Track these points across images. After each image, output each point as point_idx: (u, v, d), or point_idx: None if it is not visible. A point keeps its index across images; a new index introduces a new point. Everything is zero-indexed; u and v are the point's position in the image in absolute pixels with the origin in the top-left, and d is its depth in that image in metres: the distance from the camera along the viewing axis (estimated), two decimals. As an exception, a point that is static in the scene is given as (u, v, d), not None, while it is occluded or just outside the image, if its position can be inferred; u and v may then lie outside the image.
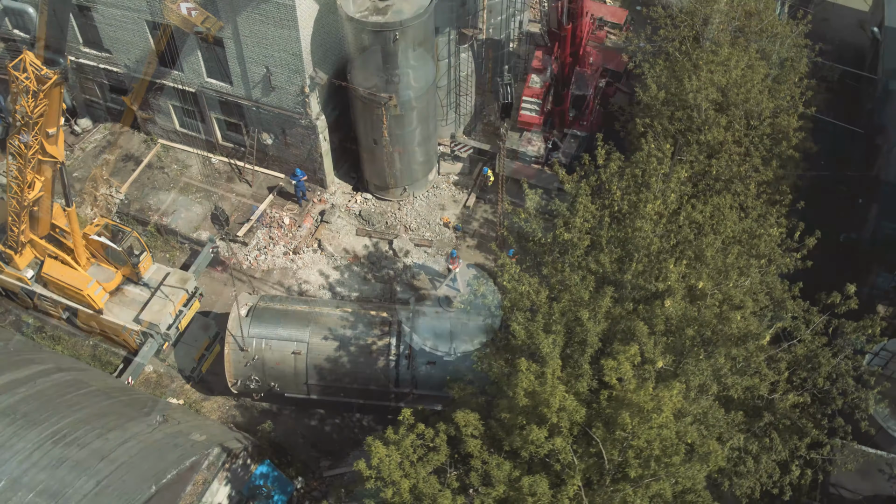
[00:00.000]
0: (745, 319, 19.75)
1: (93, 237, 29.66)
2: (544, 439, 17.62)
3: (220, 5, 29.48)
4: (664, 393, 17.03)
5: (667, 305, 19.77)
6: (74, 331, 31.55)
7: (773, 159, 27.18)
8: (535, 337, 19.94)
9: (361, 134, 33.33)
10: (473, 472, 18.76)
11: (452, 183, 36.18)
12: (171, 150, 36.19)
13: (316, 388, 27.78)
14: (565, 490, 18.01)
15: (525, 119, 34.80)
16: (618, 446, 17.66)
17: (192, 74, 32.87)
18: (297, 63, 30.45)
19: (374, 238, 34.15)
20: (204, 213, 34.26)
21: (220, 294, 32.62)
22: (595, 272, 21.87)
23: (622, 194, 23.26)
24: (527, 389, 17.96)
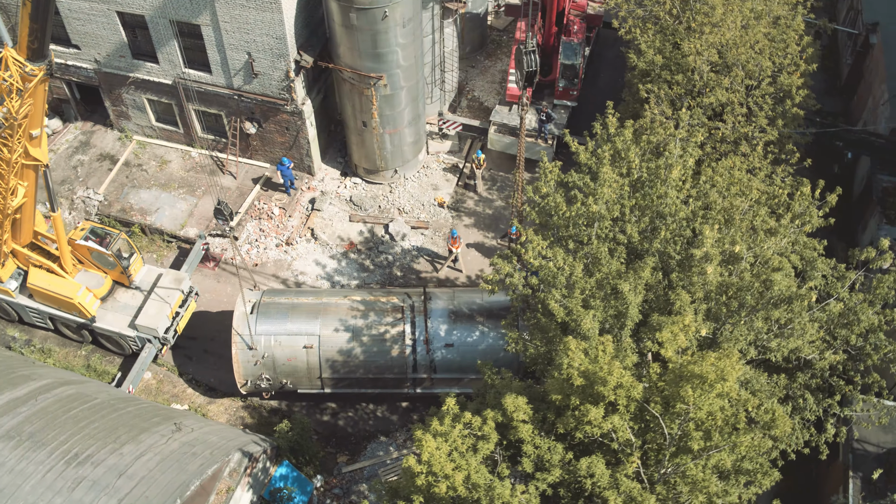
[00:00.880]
0: (787, 279, 19.40)
1: (79, 242, 28.24)
2: (601, 419, 17.07)
3: (197, -10, 28.18)
4: (726, 361, 16.58)
5: (709, 272, 19.32)
6: (65, 342, 30.14)
7: (777, 118, 26.90)
8: (573, 314, 19.36)
9: (349, 117, 32.25)
10: (525, 459, 18.15)
11: (442, 161, 35.36)
12: (148, 146, 34.68)
13: (330, 381, 26.91)
14: (623, 468, 17.53)
15: (513, 92, 34.08)
16: (677, 420, 17.20)
17: (168, 66, 31.39)
18: (282, 47, 29.24)
19: (369, 223, 33.22)
20: (189, 209, 32.94)
21: (214, 292, 31.43)
22: (621, 243, 21.34)
23: (640, 161, 22.70)
24: (579, 369, 17.36)
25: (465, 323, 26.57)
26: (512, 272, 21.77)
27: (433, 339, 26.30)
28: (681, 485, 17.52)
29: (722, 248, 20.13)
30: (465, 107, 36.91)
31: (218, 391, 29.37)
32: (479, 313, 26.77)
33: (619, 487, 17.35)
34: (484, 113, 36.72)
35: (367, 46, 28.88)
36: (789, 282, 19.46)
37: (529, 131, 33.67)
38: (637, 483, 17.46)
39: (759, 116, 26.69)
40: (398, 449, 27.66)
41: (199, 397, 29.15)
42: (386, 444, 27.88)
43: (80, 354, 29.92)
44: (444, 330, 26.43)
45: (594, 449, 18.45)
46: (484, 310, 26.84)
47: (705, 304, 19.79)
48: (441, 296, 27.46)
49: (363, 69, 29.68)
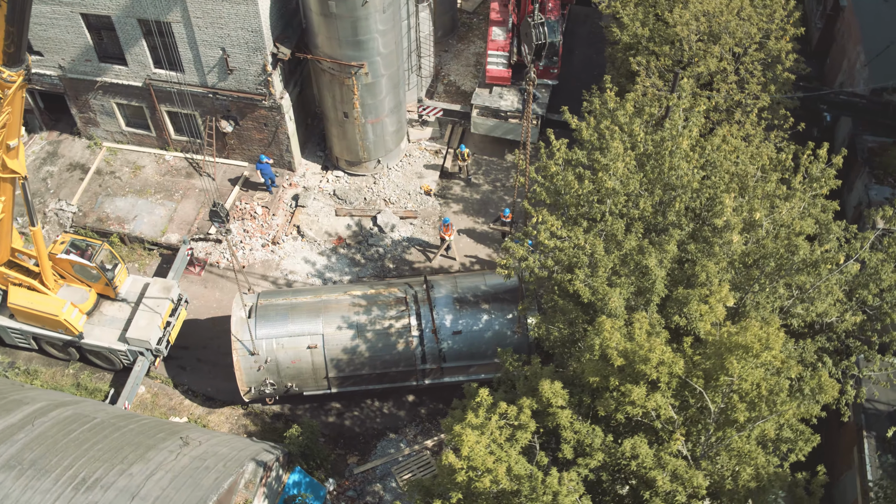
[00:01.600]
0: (811, 243, 19.21)
1: (60, 256, 26.98)
2: (644, 398, 16.65)
3: (166, -14, 27.01)
4: (769, 330, 16.29)
5: (735, 241, 19.01)
6: (51, 361, 28.86)
7: (769, 84, 26.75)
8: (599, 293, 18.91)
9: (329, 108, 31.34)
10: (565, 445, 17.68)
11: (425, 149, 34.65)
12: (119, 152, 33.33)
13: (336, 381, 26.16)
14: (667, 447, 17.16)
15: (494, 74, 33.45)
16: (720, 393, 16.88)
17: (137, 67, 30.11)
18: (258, 40, 28.21)
19: (356, 216, 32.41)
20: (168, 214, 31.74)
21: (202, 298, 30.38)
22: (635, 218, 20.95)
23: (644, 135, 22.31)
24: (618, 349, 16.93)
25: (471, 309, 26.02)
26: (526, 255, 21.24)
27: (440, 328, 25.70)
28: (726, 458, 17.22)
29: (741, 216, 19.84)
30: (442, 92, 36.19)
31: (216, 400, 28.41)
32: (483, 298, 26.23)
33: (664, 467, 16.99)
34: (462, 97, 36.06)
35: (347, 34, 28.00)
36: (815, 247, 19.27)
37: (513, 112, 33.13)
38: (682, 460, 17.12)
39: (752, 83, 26.52)
40: (409, 445, 27.06)
41: (197, 408, 28.15)
42: (396, 441, 27.25)
43: (68, 373, 28.68)
44: (450, 318, 25.84)
45: (634, 430, 18.07)
46: (488, 294, 26.32)
47: (729, 274, 19.52)
48: (443, 283, 26.85)
49: (343, 58, 28.80)
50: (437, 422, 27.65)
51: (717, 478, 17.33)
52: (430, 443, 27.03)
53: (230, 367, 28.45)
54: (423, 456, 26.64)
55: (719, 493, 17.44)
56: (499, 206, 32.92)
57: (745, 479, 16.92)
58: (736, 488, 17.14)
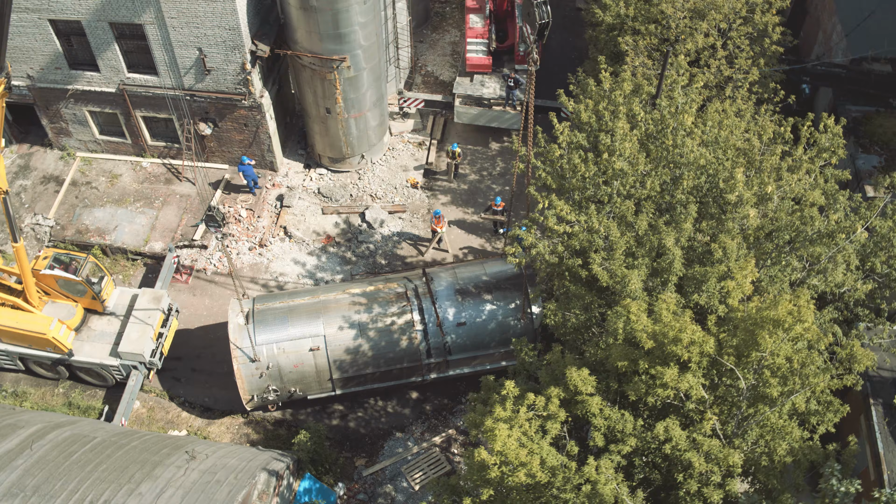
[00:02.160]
0: (825, 214, 19.12)
1: (44, 272, 26.00)
2: (676, 379, 16.37)
3: (138, -14, 26.09)
4: (800, 302, 16.12)
5: (752, 215, 18.82)
6: (39, 381, 27.84)
7: (759, 58, 26.68)
8: (617, 276, 18.61)
9: (310, 105, 30.61)
10: (596, 433, 17.35)
11: (408, 142, 34.08)
12: (94, 161, 32.25)
13: (340, 382, 25.56)
14: (700, 427, 16.93)
15: (474, 62, 33.00)
16: (751, 369, 16.68)
17: (110, 72, 29.09)
18: (236, 38, 27.40)
19: (343, 214, 31.76)
20: (149, 222, 30.78)
21: (191, 306, 29.53)
22: (643, 198, 20.69)
23: (645, 114, 22.05)
24: (647, 331, 16.63)
25: (474, 300, 25.59)
26: (535, 243, 20.87)
27: (444, 321, 25.24)
28: (760, 434, 17.03)
29: (753, 190, 19.66)
30: (421, 83, 35.66)
31: (215, 410, 27.65)
32: (485, 288, 25.82)
33: (699, 448, 16.75)
34: (441, 87, 35.57)
35: (328, 27, 27.31)
36: (830, 218, 19.17)
37: (496, 99, 32.72)
38: (716, 440, 16.90)
39: (741, 58, 26.42)
40: (417, 443, 26.58)
41: (196, 420, 27.36)
42: (403, 441, 26.75)
43: (58, 392, 27.69)
44: (453, 310, 25.39)
45: (662, 413, 17.81)
46: (490, 284, 25.90)
47: (743, 250, 19.33)
48: (442, 275, 26.38)
49: (325, 52, 28.10)
50: (443, 417, 27.22)
51: (751, 455, 17.16)
52: (438, 439, 26.58)
53: (226, 375, 27.84)
54: (432, 453, 26.19)
55: (754, 471, 17.27)
56: (487, 196, 32.51)
57: (780, 454, 16.76)
58: (772, 465, 16.98)
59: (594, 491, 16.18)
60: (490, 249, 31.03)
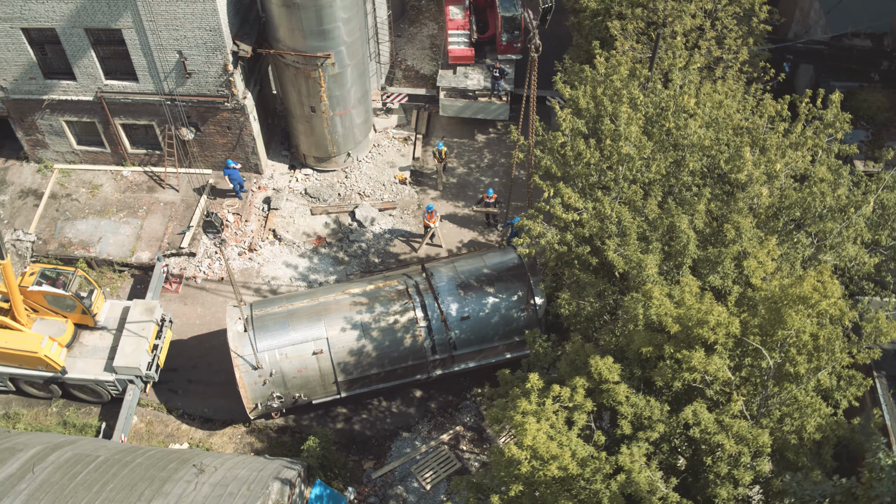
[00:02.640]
0: (834, 188, 19.09)
1: (32, 289, 25.19)
2: (704, 361, 16.18)
3: (115, -10, 25.33)
4: (824, 277, 16.03)
5: (764, 193, 18.72)
6: (31, 401, 27.00)
7: (748, 37, 26.65)
8: (632, 262, 18.40)
9: (294, 104, 30.03)
10: (623, 420, 17.12)
11: (393, 137, 33.63)
12: (72, 173, 31.34)
13: (345, 384, 25.11)
14: (727, 409, 16.79)
15: (456, 54, 32.65)
16: (776, 348, 16.56)
17: (87, 80, 28.25)
18: (217, 39, 26.74)
19: (333, 213, 31.23)
20: (134, 232, 29.99)
21: (183, 316, 28.83)
22: (650, 182, 20.53)
23: (644, 98, 21.87)
24: (672, 315, 16.44)
25: (476, 293, 25.27)
26: (543, 232, 20.60)
27: (448, 316, 24.88)
28: (788, 413, 16.93)
29: (761, 169, 19.57)
30: (402, 78, 35.19)
31: (216, 421, 27.02)
32: (486, 281, 25.51)
33: (728, 430, 16.61)
34: (422, 81, 35.14)
35: (312, 24, 26.76)
36: (843, 191, 19.15)
37: (481, 91, 32.39)
38: (744, 421, 16.77)
39: (730, 38, 26.37)
40: (425, 442, 26.21)
41: (196, 432, 26.72)
42: (410, 440, 26.36)
43: (52, 412, 26.87)
44: (456, 305, 25.04)
45: (687, 397, 17.65)
46: (491, 276, 25.59)
47: (755, 229, 19.23)
48: (442, 269, 26.00)
49: (309, 49, 27.55)
50: (449, 414, 26.88)
51: (779, 434, 17.06)
52: (446, 437, 26.24)
53: (225, 384, 27.27)
54: (441, 451, 25.85)
55: (783, 449, 17.17)
56: (477, 189, 32.20)
57: (810, 431, 16.68)
58: (801, 442, 16.90)
59: (629, 480, 15.97)
60: (484, 242, 30.73)
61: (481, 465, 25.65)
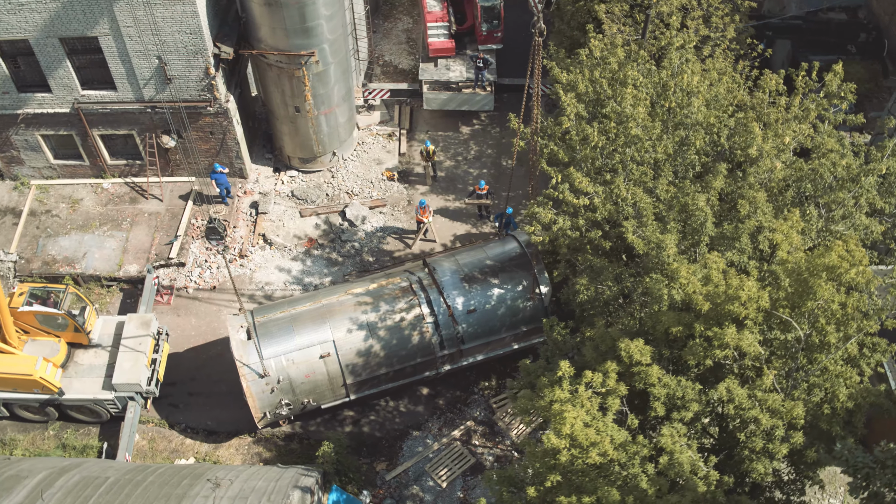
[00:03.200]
0: (845, 159, 19.16)
1: (22, 309, 24.36)
2: (737, 337, 16.08)
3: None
4: (850, 246, 16.03)
5: (778, 167, 18.70)
6: (26, 425, 26.11)
7: (734, 14, 26.71)
8: (651, 242, 18.26)
9: (278, 105, 29.42)
10: (657, 402, 16.96)
11: (377, 134, 33.17)
12: (51, 188, 30.37)
13: (354, 386, 24.66)
14: (759, 384, 16.74)
15: (437, 46, 32.28)
16: (805, 319, 16.54)
17: (63, 92, 27.35)
18: (198, 42, 26.06)
19: (323, 214, 30.70)
20: (120, 245, 29.15)
21: (177, 328, 28.09)
22: (657, 161, 20.43)
23: (643, 79, 21.75)
24: (701, 294, 16.33)
25: (481, 285, 24.98)
26: (555, 218, 20.38)
27: (455, 310, 24.56)
28: (817, 383, 16.93)
29: (770, 143, 19.57)
30: (380, 73, 34.76)
31: (220, 433, 26.37)
32: (490, 272, 25.23)
33: (762, 405, 16.55)
34: (401, 76, 34.76)
35: (295, 22, 26.20)
36: (848, 161, 19.22)
37: (464, 82, 32.09)
38: (776, 394, 16.73)
39: (716, 16, 26.40)
40: (436, 439, 25.88)
41: (201, 446, 26.05)
42: (422, 439, 26.01)
43: (49, 435, 26.01)
44: (461, 299, 24.73)
45: (715, 374, 17.56)
46: (495, 267, 25.33)
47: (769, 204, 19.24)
48: (444, 263, 25.66)
49: (292, 48, 26.98)
50: (458, 410, 26.57)
51: (811, 405, 17.05)
52: (457, 433, 25.93)
53: (226, 395, 26.69)
54: (454, 447, 25.54)
55: (816, 420, 17.17)
56: (466, 181, 31.90)
57: (842, 399, 16.70)
58: (834, 412, 16.92)
59: (671, 461, 15.83)
60: (477, 234, 30.44)
61: (495, 458, 25.42)
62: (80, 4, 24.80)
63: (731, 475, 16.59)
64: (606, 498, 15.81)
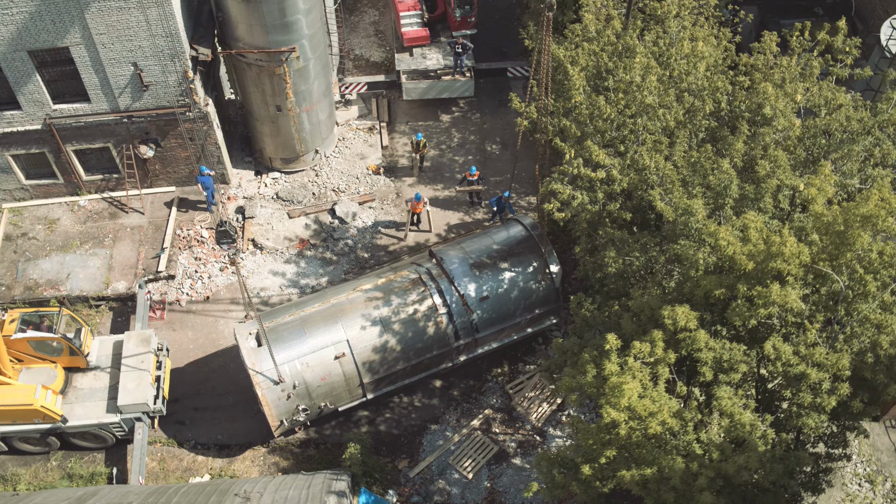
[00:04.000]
0: (858, 112, 19.29)
1: (16, 336, 23.21)
2: (782, 294, 15.99)
3: (61, 5, 23.40)
4: (883, 193, 16.08)
5: (797, 125, 18.71)
6: (25, 459, 24.92)
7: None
8: (680, 208, 18.11)
9: (258, 106, 28.60)
10: (705, 367, 16.81)
11: (357, 129, 32.52)
12: (24, 210, 29.03)
13: (372, 385, 24.09)
14: (803, 339, 16.73)
15: (411, 35, 31.78)
16: (844, 270, 16.55)
17: (33, 108, 26.12)
18: (174, 45, 25.14)
19: (312, 214, 29.96)
20: (105, 262, 28.02)
21: (174, 342, 27.09)
22: (669, 128, 20.33)
23: (644, 48, 21.63)
24: (744, 252, 16.22)
25: (491, 271, 24.62)
26: (574, 194, 20.13)
27: (468, 298, 24.14)
28: (858, 333, 16.98)
29: (783, 102, 19.59)
30: (353, 67, 34.11)
31: (232, 446, 25.54)
32: (499, 257, 24.90)
33: (808, 360, 16.53)
34: (373, 69, 34.17)
35: (275, 17, 25.45)
36: (861, 114, 19.34)
37: (443, 69, 31.65)
38: (820, 348, 16.73)
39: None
40: (456, 431, 25.46)
41: (214, 461, 25.19)
42: (441, 432, 25.56)
43: (52, 466, 24.87)
44: (473, 286, 24.33)
45: (755, 334, 17.50)
46: (503, 251, 25.00)
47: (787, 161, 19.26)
48: (450, 252, 25.22)
49: (272, 45, 26.22)
50: (474, 399, 26.18)
51: (853, 355, 17.10)
52: (476, 422, 25.55)
53: (234, 406, 25.95)
54: (475, 437, 25.15)
55: (860, 370, 17.21)
56: (452, 169, 31.50)
57: (885, 347, 16.75)
58: (877, 360, 16.98)
59: (733, 423, 15.70)
60: (471, 221, 30.07)
61: (518, 444, 25.10)
62: (48, 14, 23.68)
63: (787, 433, 16.55)
64: (671, 467, 15.61)
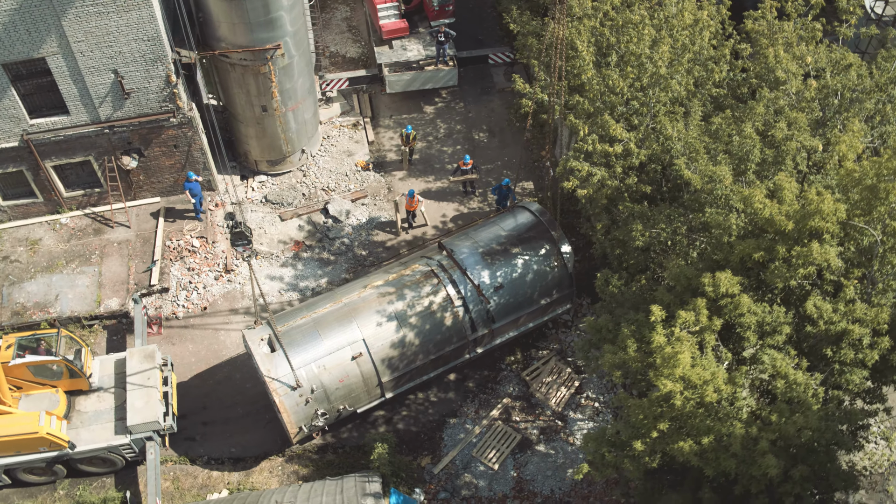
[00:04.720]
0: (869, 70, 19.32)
1: (14, 363, 22.13)
2: (822, 253, 15.88)
3: (37, 14, 22.36)
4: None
5: (813, 86, 18.64)
6: (30, 490, 23.80)
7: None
8: (706, 176, 17.91)
9: (243, 107, 27.79)
10: (748, 332, 16.62)
11: (341, 126, 31.85)
12: (3, 233, 27.75)
13: (390, 384, 23.50)
14: (843, 296, 16.66)
15: (390, 27, 31.26)
16: (878, 224, 16.51)
17: (9, 124, 24.96)
18: (157, 49, 24.25)
19: (304, 214, 29.24)
20: (94, 280, 26.93)
21: (176, 356, 26.11)
22: (680, 99, 20.17)
23: (646, 20, 21.42)
24: (785, 214, 16.07)
25: (503, 258, 24.22)
26: (592, 171, 19.82)
27: (483, 287, 23.70)
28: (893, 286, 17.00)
29: (793, 65, 19.53)
30: (329, 64, 33.42)
31: (247, 459, 24.73)
32: (510, 243, 24.52)
33: (849, 317, 16.45)
34: (350, 64, 33.54)
35: (258, 14, 24.73)
36: (873, 71, 19.38)
37: (425, 60, 31.17)
38: (860, 304, 16.67)
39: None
40: (476, 423, 25.01)
41: (230, 475, 24.34)
42: (460, 425, 25.09)
43: (60, 495, 23.78)
44: (486, 273, 23.90)
45: (790, 295, 17.38)
46: (513, 238, 24.63)
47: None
48: (460, 242, 24.76)
49: (256, 43, 25.48)
50: (490, 389, 25.76)
51: (892, 307, 17.08)
52: (495, 412, 25.14)
53: (244, 418, 25.20)
54: (496, 427, 24.74)
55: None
56: (442, 160, 31.03)
57: (922, 297, 16.79)
58: (918, 312, 16.99)
59: (788, 383, 15.52)
60: (466, 212, 29.64)
61: (540, 431, 24.75)
62: (23, 24, 22.62)
63: (836, 389, 16.46)
64: (731, 433, 15.38)
